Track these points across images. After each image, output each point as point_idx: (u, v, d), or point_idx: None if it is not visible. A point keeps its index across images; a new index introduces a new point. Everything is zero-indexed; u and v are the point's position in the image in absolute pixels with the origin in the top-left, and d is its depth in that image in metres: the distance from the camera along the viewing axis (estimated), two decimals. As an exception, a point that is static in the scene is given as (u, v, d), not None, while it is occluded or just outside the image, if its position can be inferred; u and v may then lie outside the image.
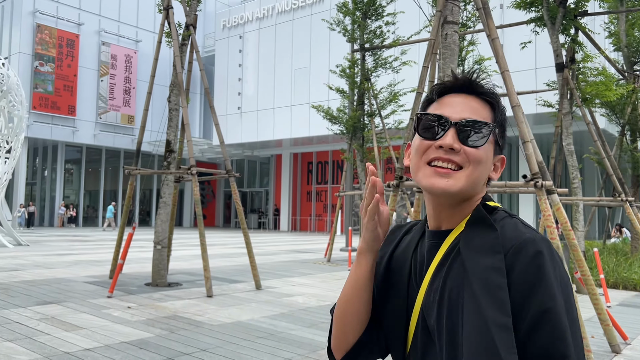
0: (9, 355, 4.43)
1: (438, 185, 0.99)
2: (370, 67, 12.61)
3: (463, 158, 1.00)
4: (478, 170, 1.01)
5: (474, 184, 1.01)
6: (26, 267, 10.50)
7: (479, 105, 1.05)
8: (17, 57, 28.76)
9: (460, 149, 1.00)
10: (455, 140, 1.00)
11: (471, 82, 1.07)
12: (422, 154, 1.03)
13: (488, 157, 1.04)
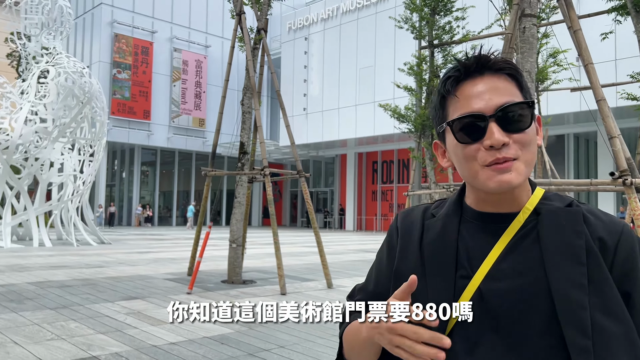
0: (102, 347, 4.72)
1: (504, 181, 0.92)
2: (439, 64, 12.39)
3: (516, 148, 0.94)
4: (532, 151, 0.96)
5: (531, 166, 0.97)
6: (110, 264, 11.13)
7: (502, 82, 0.96)
8: (97, 65, 30.50)
9: (509, 141, 0.93)
10: (502, 134, 0.92)
11: (483, 60, 0.97)
12: (473, 159, 0.95)
13: (534, 131, 0.97)
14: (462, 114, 0.95)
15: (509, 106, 0.93)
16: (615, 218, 0.98)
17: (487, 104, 0.93)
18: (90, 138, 17.29)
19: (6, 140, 14.60)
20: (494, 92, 0.94)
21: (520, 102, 0.94)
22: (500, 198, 0.98)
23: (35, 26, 16.75)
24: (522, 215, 0.97)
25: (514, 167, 0.93)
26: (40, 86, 16.01)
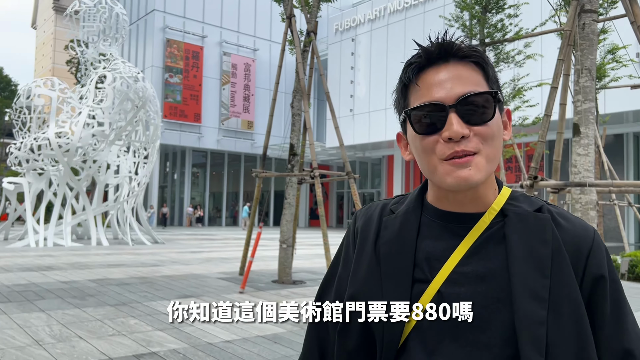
0: (161, 344, 4.87)
1: (462, 177, 0.86)
2: (491, 63, 12.17)
3: (476, 141, 0.87)
4: (494, 146, 0.89)
5: (494, 162, 0.90)
6: (165, 263, 11.46)
7: (466, 70, 0.90)
8: (150, 70, 31.48)
9: (470, 133, 0.87)
10: (462, 126, 0.86)
11: (447, 47, 0.90)
12: (431, 152, 0.89)
13: (499, 124, 0.91)
14: (421, 102, 0.90)
15: (470, 96, 0.87)
16: (586, 223, 0.95)
17: (448, 93, 0.88)
18: (144, 141, 17.86)
19: (67, 144, 15.26)
20: (456, 81, 0.89)
21: (483, 92, 0.88)
22: (464, 196, 0.92)
23: (93, 33, 17.45)
24: (487, 216, 0.92)
25: (473, 162, 0.87)
26: (98, 91, 16.66)
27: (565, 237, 0.89)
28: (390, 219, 0.99)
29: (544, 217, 0.91)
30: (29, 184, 16.07)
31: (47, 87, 16.97)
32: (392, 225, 0.98)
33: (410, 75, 0.92)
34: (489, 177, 0.91)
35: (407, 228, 0.96)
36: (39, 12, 74.76)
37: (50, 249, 14.30)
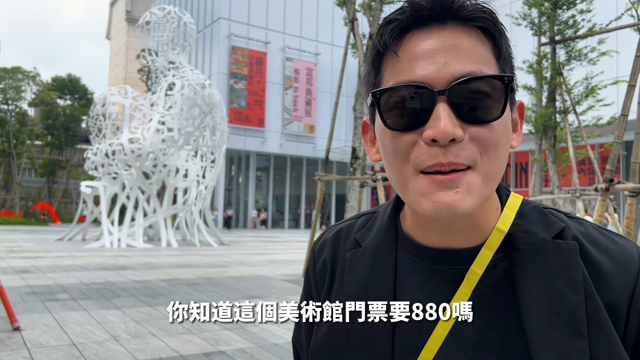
0: (228, 343, 5.00)
1: (444, 203, 0.59)
2: (562, 61, 11.64)
3: (473, 149, 0.60)
4: (498, 158, 0.62)
5: (494, 182, 0.62)
6: (231, 264, 11.77)
7: (469, 40, 0.61)
8: (216, 76, 32.47)
9: (463, 137, 0.59)
10: (454, 123, 0.59)
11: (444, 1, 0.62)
12: (404, 158, 0.62)
13: (507, 126, 0.63)
14: (398, 82, 0.61)
15: (472, 80, 0.59)
16: (626, 245, 0.65)
17: (438, 72, 0.60)
18: (211, 145, 18.43)
19: (139, 149, 15.99)
20: (453, 54, 0.60)
21: (492, 76, 0.61)
22: (452, 224, 0.65)
23: (163, 43, 18.21)
24: (484, 257, 0.65)
25: (463, 181, 0.59)
26: (168, 98, 17.36)
27: (596, 273, 0.63)
28: (356, 257, 0.73)
29: (568, 246, 0.63)
30: (105, 188, 16.96)
31: (120, 95, 17.88)
32: (359, 268, 0.71)
33: (387, 38, 0.63)
34: (489, 202, 0.67)
35: (379, 273, 0.69)
36: (112, 23, 78.88)
37: (124, 250, 15.03)
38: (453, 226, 0.65)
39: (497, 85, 0.60)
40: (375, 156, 0.71)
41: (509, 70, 0.65)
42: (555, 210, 0.70)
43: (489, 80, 0.60)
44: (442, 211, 0.59)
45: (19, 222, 31.51)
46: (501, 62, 0.64)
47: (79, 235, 18.85)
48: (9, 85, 38.31)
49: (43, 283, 8.29)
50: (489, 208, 0.67)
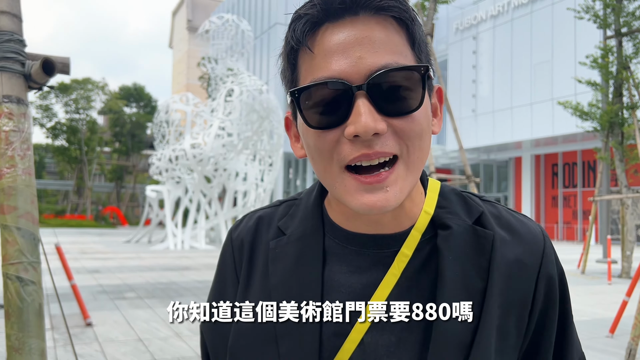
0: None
1: (374, 204, 0.60)
2: (629, 54, 11.10)
3: (395, 140, 0.60)
4: (422, 147, 0.63)
5: (418, 170, 0.64)
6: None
7: (383, 30, 0.61)
8: (274, 81, 33.05)
9: (386, 130, 0.60)
10: (375, 118, 0.59)
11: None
12: (329, 156, 0.62)
13: (427, 115, 0.64)
14: (315, 80, 0.61)
15: (388, 72, 0.59)
16: (533, 227, 0.71)
17: (355, 65, 0.59)
18: (269, 149, 18.80)
19: (200, 154, 16.55)
20: (367, 47, 0.60)
21: (408, 67, 0.60)
22: (381, 216, 0.67)
23: (221, 50, 18.76)
24: (413, 239, 0.67)
25: (391, 179, 0.61)
26: (227, 104, 17.87)
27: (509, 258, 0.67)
28: (280, 246, 0.71)
29: (485, 236, 0.68)
30: (169, 192, 17.66)
31: (182, 102, 18.57)
32: (285, 257, 0.70)
33: (299, 34, 0.63)
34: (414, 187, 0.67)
35: (306, 261, 0.69)
36: (175, 32, 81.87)
37: (187, 251, 15.59)
38: (382, 218, 0.68)
39: (414, 75, 0.61)
40: (300, 152, 0.70)
41: (424, 57, 0.64)
42: (470, 194, 0.74)
43: (406, 71, 0.60)
44: (373, 210, 0.61)
45: (90, 225, 33.29)
46: (416, 50, 0.63)
47: (145, 237, 19.71)
48: (80, 95, 40.58)
49: (112, 282, 8.77)
50: (415, 194, 0.69)
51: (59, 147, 42.55)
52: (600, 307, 7.65)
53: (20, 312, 1.40)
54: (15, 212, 1.44)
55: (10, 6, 1.60)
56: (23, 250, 1.44)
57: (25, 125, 1.56)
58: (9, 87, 1.56)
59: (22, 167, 1.50)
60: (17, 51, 1.60)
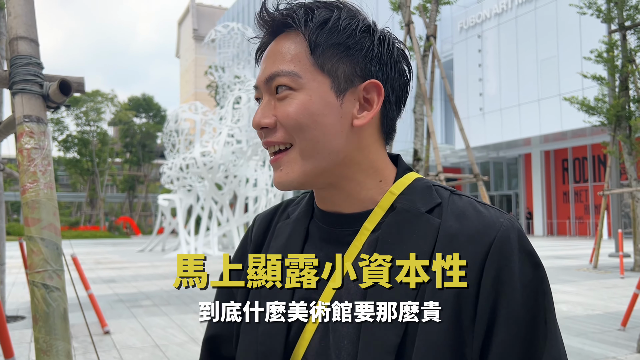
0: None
1: (276, 179, 0.75)
2: (633, 47, 11.09)
3: (284, 132, 0.73)
4: (308, 138, 0.72)
5: (314, 158, 0.73)
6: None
7: (285, 43, 0.74)
8: (280, 87, 33.24)
9: (272, 123, 0.73)
10: (265, 115, 0.74)
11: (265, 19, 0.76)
12: None
13: (312, 106, 0.72)
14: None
15: (272, 78, 0.74)
16: (491, 216, 0.71)
17: (261, 75, 0.76)
18: (278, 154, 18.90)
19: (210, 161, 16.71)
20: (270, 60, 0.75)
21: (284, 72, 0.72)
22: (329, 194, 0.78)
23: (228, 58, 18.95)
24: (373, 217, 0.75)
25: (284, 160, 0.74)
26: (235, 111, 18.03)
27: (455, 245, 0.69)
28: (283, 225, 0.85)
29: (432, 223, 0.72)
30: (180, 200, 17.83)
31: (191, 111, 18.77)
32: (282, 235, 0.83)
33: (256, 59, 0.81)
34: (358, 175, 0.76)
35: (293, 238, 0.81)
36: (181, 42, 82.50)
37: (201, 258, 15.70)
38: (333, 197, 0.78)
39: (297, 77, 0.72)
40: None
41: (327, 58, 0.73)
42: (443, 188, 0.78)
43: (276, 74, 0.73)
44: (278, 186, 0.75)
45: (104, 235, 33.62)
46: (316, 54, 0.73)
47: (158, 246, 19.90)
48: (90, 107, 41.05)
49: (128, 291, 8.91)
50: (364, 181, 0.77)
51: (70, 159, 43.07)
52: (613, 300, 7.66)
53: (47, 316, 1.50)
54: (39, 224, 1.55)
55: (28, 32, 1.72)
56: (47, 259, 1.55)
57: (45, 142, 1.67)
58: (29, 108, 1.67)
59: (44, 181, 1.60)
60: (36, 74, 1.71)
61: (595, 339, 5.34)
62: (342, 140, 0.73)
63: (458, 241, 0.69)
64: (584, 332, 5.64)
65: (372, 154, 0.77)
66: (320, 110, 0.72)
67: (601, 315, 6.54)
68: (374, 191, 0.77)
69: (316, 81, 0.72)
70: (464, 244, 0.69)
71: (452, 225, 0.70)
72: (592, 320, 6.29)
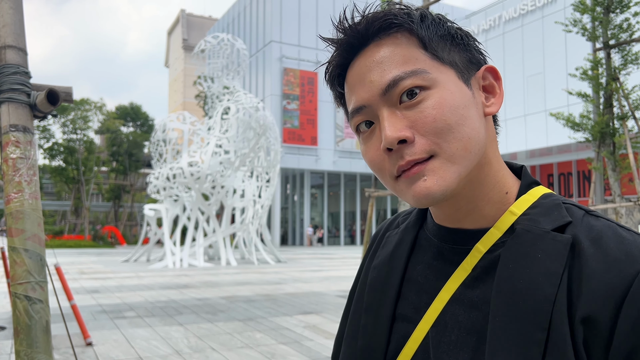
0: (284, 357, 5.17)
1: (419, 194, 0.64)
2: (617, 65, 11.29)
3: (424, 143, 0.63)
4: (458, 137, 0.63)
5: (464, 159, 0.64)
6: (287, 281, 12.00)
7: (387, 48, 0.66)
8: (269, 98, 33.28)
9: (413, 136, 0.63)
10: (398, 128, 0.63)
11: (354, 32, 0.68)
12: (380, 169, 0.68)
13: (457, 100, 0.65)
14: (349, 112, 0.70)
15: (394, 84, 0.64)
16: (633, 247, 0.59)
17: (370, 90, 0.66)
18: (266, 166, 18.92)
19: (198, 172, 16.65)
20: (375, 70, 0.66)
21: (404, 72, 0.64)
22: (453, 210, 0.70)
23: (217, 69, 18.96)
24: (489, 236, 0.67)
25: (427, 169, 0.63)
26: (223, 122, 18.01)
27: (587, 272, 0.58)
28: (391, 236, 0.82)
29: (561, 240, 0.62)
30: (167, 210, 17.70)
31: (179, 120, 18.70)
32: (389, 244, 0.80)
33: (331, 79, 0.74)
34: (488, 180, 0.69)
35: (400, 248, 0.77)
36: (170, 51, 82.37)
37: (186, 269, 15.59)
38: (456, 213, 0.70)
39: (425, 74, 0.64)
40: None
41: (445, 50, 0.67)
42: (575, 207, 0.67)
43: (412, 76, 0.64)
44: (421, 199, 0.64)
45: (89, 245, 33.22)
46: (430, 49, 0.66)
47: (143, 256, 19.70)
48: (77, 115, 40.75)
49: (112, 302, 8.80)
50: (492, 190, 0.69)
51: (56, 167, 42.63)
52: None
53: (29, 329, 1.48)
54: (23, 234, 1.52)
55: (16, 40, 1.71)
56: (30, 270, 1.52)
57: (31, 152, 1.66)
58: (15, 117, 1.65)
59: (29, 191, 1.59)
60: (23, 83, 1.70)
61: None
62: (484, 133, 0.67)
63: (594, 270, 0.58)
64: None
65: (498, 153, 0.70)
66: (463, 102, 0.65)
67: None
68: (498, 206, 0.69)
69: (444, 74, 0.65)
70: (602, 275, 0.57)
71: (587, 247, 0.60)
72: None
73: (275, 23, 34.23)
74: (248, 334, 6.18)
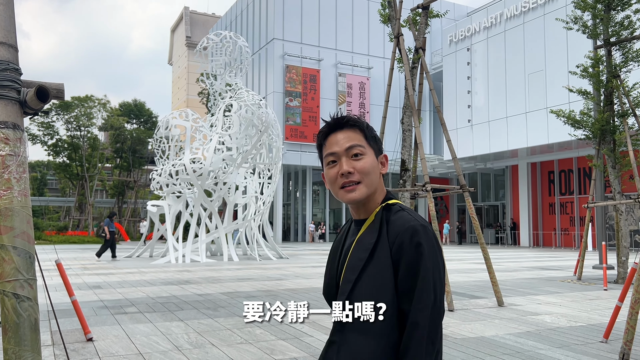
0: (283, 352, 5.21)
1: (350, 198, 1.43)
2: (618, 63, 11.26)
3: (358, 175, 1.42)
4: (370, 177, 1.44)
5: (371, 186, 1.44)
6: (288, 277, 12.04)
7: (352, 133, 1.46)
8: (272, 95, 33.28)
9: (353, 170, 1.42)
10: (348, 166, 1.43)
11: (340, 121, 1.48)
12: (334, 182, 1.45)
13: (373, 164, 1.46)
14: (327, 154, 1.48)
15: (351, 146, 1.44)
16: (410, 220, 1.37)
17: (341, 146, 1.45)
18: (268, 162, 18.95)
19: (200, 168, 16.69)
20: (345, 139, 1.46)
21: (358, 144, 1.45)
22: (356, 208, 1.48)
23: (220, 66, 18.98)
24: (369, 219, 1.44)
25: (356, 188, 1.43)
26: (226, 119, 18.04)
27: (390, 231, 1.38)
28: (342, 228, 1.61)
29: (379, 217, 1.42)
30: (169, 206, 17.76)
31: (182, 118, 18.74)
32: (342, 232, 1.59)
33: (321, 139, 1.52)
34: (373, 195, 1.45)
35: (342, 232, 1.58)
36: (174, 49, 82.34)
37: (188, 265, 15.65)
38: (357, 210, 1.49)
39: (364, 148, 1.46)
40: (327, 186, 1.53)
41: (372, 142, 1.49)
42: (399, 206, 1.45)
43: (357, 145, 1.46)
44: (350, 200, 1.44)
45: (92, 241, 33.33)
46: (369, 140, 1.49)
47: (146, 252, 19.77)
48: (81, 112, 40.84)
49: (113, 298, 8.85)
50: (373, 202, 1.47)
51: (60, 164, 42.75)
52: (596, 312, 7.72)
53: (17, 327, 1.49)
54: (11, 232, 1.54)
55: (7, 37, 1.71)
56: (19, 268, 1.54)
57: (21, 149, 1.66)
58: (5, 114, 1.66)
59: (18, 189, 1.60)
60: (13, 79, 1.70)
61: (577, 351, 5.38)
62: (377, 179, 1.48)
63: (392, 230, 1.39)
64: (566, 344, 5.68)
65: (383, 186, 1.51)
66: (374, 164, 1.47)
67: (584, 327, 6.59)
68: (374, 207, 1.46)
69: (370, 150, 1.47)
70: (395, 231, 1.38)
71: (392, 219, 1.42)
72: (575, 332, 6.34)
73: (278, 20, 34.20)
74: (248, 329, 6.22)
